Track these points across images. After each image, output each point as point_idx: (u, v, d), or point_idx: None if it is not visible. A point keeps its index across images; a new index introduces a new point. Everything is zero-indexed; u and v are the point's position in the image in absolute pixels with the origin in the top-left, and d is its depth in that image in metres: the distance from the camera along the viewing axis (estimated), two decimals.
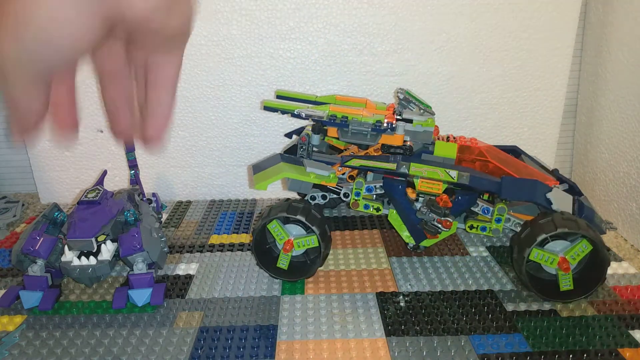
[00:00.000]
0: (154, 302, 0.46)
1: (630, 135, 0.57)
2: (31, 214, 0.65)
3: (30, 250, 0.46)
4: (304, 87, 0.64)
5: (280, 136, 0.63)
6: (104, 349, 0.40)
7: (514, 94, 0.66)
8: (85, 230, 0.47)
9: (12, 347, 0.41)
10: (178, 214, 0.64)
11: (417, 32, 0.62)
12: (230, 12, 0.61)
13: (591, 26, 0.64)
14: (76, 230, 0.47)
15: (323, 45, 0.63)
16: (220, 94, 0.65)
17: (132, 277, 0.46)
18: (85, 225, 0.48)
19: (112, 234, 0.48)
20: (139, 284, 0.46)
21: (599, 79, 0.63)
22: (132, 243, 0.47)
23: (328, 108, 0.53)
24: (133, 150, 0.58)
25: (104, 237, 0.48)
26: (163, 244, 0.50)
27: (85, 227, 0.47)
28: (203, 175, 0.68)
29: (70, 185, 0.69)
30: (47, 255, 0.47)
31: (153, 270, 0.48)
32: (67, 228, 0.48)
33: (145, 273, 0.47)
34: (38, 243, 0.47)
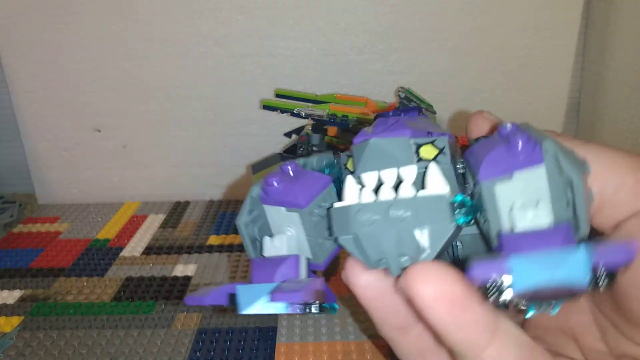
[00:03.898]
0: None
1: (633, 135, 0.57)
2: (28, 215, 0.65)
3: (272, 193, 0.21)
4: (304, 85, 0.64)
5: (279, 135, 0.63)
6: (102, 350, 0.40)
7: (515, 93, 0.65)
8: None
9: (8, 348, 0.40)
10: (176, 215, 0.63)
11: (418, 31, 0.62)
12: (229, 10, 0.60)
13: (594, 24, 0.64)
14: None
15: (323, 44, 0.62)
16: (218, 92, 0.64)
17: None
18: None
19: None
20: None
21: (601, 78, 0.63)
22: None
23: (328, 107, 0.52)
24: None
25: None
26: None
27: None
28: (201, 175, 0.68)
29: (68, 185, 0.68)
30: (309, 202, 0.21)
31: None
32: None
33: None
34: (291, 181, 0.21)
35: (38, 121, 0.65)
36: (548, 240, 0.16)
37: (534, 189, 0.17)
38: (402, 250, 0.18)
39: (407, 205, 0.18)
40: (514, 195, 0.18)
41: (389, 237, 0.18)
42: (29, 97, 0.64)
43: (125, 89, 0.64)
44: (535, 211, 0.17)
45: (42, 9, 0.60)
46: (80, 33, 0.61)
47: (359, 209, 0.18)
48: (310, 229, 0.21)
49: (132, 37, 0.61)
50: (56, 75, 0.63)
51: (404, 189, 0.18)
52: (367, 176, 0.19)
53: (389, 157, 0.19)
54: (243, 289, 0.19)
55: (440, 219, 0.18)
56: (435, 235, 0.18)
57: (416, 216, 0.18)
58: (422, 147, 0.19)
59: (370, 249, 0.18)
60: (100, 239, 0.58)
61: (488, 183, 0.18)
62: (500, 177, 0.17)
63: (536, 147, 0.17)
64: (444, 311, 0.17)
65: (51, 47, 0.61)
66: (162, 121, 0.65)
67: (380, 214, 0.18)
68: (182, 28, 0.61)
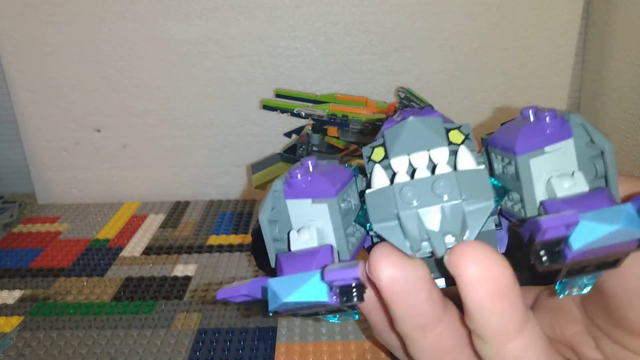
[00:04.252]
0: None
1: (634, 134, 0.57)
2: (28, 215, 0.65)
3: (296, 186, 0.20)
4: (304, 85, 0.64)
5: (279, 135, 0.63)
6: (101, 350, 0.40)
7: (515, 93, 0.65)
8: None
9: (8, 348, 0.40)
10: (176, 215, 0.63)
11: (418, 31, 0.62)
12: (229, 10, 0.60)
13: (594, 24, 0.63)
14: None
15: (323, 44, 0.62)
16: (218, 92, 0.64)
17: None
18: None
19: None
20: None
21: (601, 78, 0.63)
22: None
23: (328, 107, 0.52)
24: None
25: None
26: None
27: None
28: (201, 175, 0.68)
29: (68, 185, 0.68)
30: (339, 191, 0.20)
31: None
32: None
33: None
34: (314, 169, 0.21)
35: (38, 121, 0.65)
36: (593, 202, 0.17)
37: (565, 162, 0.18)
38: (447, 228, 0.18)
39: (451, 179, 0.18)
40: (547, 168, 0.18)
41: (435, 213, 0.18)
42: (28, 97, 0.64)
43: (125, 89, 0.64)
44: (572, 181, 0.18)
45: (41, 9, 0.60)
46: (80, 33, 0.61)
47: (403, 185, 0.18)
48: (338, 221, 0.20)
49: (132, 37, 0.61)
50: (56, 75, 0.63)
51: (441, 168, 0.18)
52: (397, 162, 0.19)
53: (425, 137, 0.19)
54: (276, 280, 0.18)
55: (483, 193, 0.18)
56: (478, 212, 0.18)
57: (460, 190, 0.18)
58: (450, 132, 0.20)
59: (414, 230, 0.18)
60: (100, 239, 0.58)
61: (524, 158, 0.18)
62: (534, 152, 0.18)
63: (564, 122, 0.18)
64: (486, 293, 0.16)
65: (51, 47, 0.61)
66: (162, 121, 0.65)
67: (426, 189, 0.18)
68: (182, 28, 0.61)
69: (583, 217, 0.16)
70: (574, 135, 0.18)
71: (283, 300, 0.17)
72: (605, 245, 0.16)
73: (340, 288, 0.17)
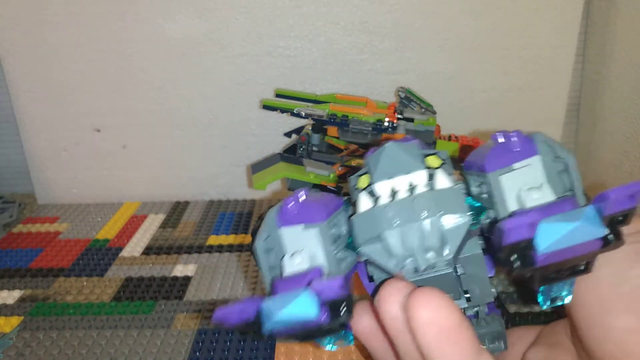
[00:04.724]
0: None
1: (634, 135, 0.56)
2: (28, 215, 0.65)
3: (288, 214, 0.22)
4: (304, 85, 0.64)
5: (279, 135, 0.63)
6: (101, 350, 0.40)
7: (516, 93, 0.65)
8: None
9: (8, 348, 0.40)
10: (176, 215, 0.63)
11: (419, 31, 0.62)
12: (229, 9, 0.60)
13: (594, 24, 0.63)
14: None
15: (323, 44, 0.62)
16: (218, 92, 0.64)
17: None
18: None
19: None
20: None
21: (602, 78, 0.63)
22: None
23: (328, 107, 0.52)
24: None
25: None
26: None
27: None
28: (201, 175, 0.68)
29: (67, 185, 0.68)
30: (329, 216, 0.22)
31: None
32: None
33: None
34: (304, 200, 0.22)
35: (38, 121, 0.65)
36: (559, 208, 0.18)
37: (533, 177, 0.20)
38: (428, 244, 0.19)
39: (428, 198, 0.19)
40: (517, 184, 0.20)
41: (415, 230, 0.19)
42: (28, 97, 0.64)
43: (124, 89, 0.64)
44: (540, 192, 0.19)
45: (41, 9, 0.60)
46: (80, 33, 0.61)
47: (384, 207, 0.20)
48: (329, 246, 0.21)
49: (132, 37, 0.61)
50: (56, 75, 0.63)
51: (420, 189, 0.20)
52: (380, 186, 0.21)
53: (403, 161, 0.21)
54: (269, 300, 0.18)
55: (459, 209, 0.19)
56: (456, 228, 0.19)
57: (437, 207, 0.19)
58: (428, 157, 0.22)
59: (398, 247, 0.20)
60: (100, 239, 0.58)
61: (494, 174, 0.20)
62: (503, 169, 0.20)
63: (529, 141, 0.20)
64: (433, 336, 0.18)
65: (51, 46, 0.61)
66: (161, 121, 0.65)
67: (406, 209, 0.20)
68: (182, 28, 0.61)
69: (546, 220, 0.17)
70: (541, 152, 0.20)
71: (275, 318, 0.18)
72: (570, 245, 0.17)
73: (329, 303, 0.17)
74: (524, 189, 0.19)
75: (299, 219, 0.22)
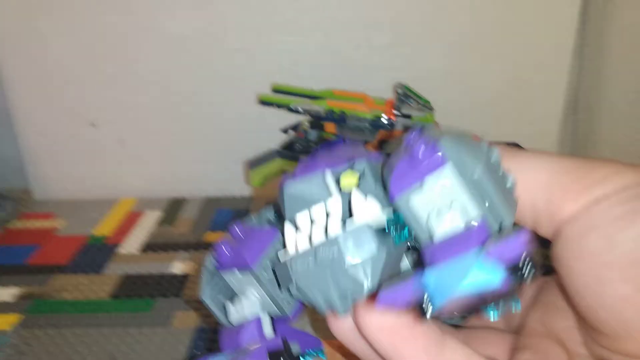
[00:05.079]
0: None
1: (632, 132, 0.57)
2: (24, 210, 0.64)
3: (222, 259, 0.22)
4: (301, 81, 0.63)
5: (276, 131, 0.62)
6: (99, 348, 0.40)
7: (514, 90, 0.65)
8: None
9: (6, 346, 0.40)
10: (173, 211, 0.63)
11: (416, 26, 0.61)
12: (226, 4, 0.60)
13: (591, 21, 0.63)
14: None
15: (320, 39, 0.62)
16: (214, 88, 0.64)
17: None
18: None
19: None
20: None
21: (600, 75, 0.63)
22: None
23: (325, 103, 0.52)
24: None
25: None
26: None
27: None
28: (198, 171, 0.68)
29: (64, 181, 0.68)
30: (255, 261, 0.21)
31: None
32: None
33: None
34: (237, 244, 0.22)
35: (33, 116, 0.65)
36: (461, 245, 0.16)
37: (449, 191, 0.17)
38: (343, 289, 0.18)
39: (332, 245, 0.18)
40: (431, 202, 0.17)
41: (325, 279, 0.18)
42: (23, 91, 0.63)
43: (120, 84, 0.63)
44: (451, 213, 0.17)
45: (36, 2, 0.59)
46: (75, 26, 0.60)
47: (291, 260, 0.19)
48: (267, 285, 0.21)
49: (127, 30, 0.61)
50: (50, 68, 0.62)
51: (332, 226, 0.18)
52: (300, 217, 0.19)
53: (308, 198, 0.19)
54: (433, 276, 0.17)
55: (367, 249, 0.17)
56: (371, 264, 0.18)
57: (343, 253, 0.18)
58: (341, 176, 0.19)
59: (313, 295, 0.18)
60: (97, 235, 0.57)
61: (402, 198, 0.17)
62: (411, 189, 0.17)
63: (435, 150, 0.17)
64: (386, 341, 0.17)
65: (45, 40, 0.61)
66: (158, 117, 0.65)
67: (312, 259, 0.18)
68: (179, 22, 0.60)
69: (434, 276, 0.15)
70: (451, 159, 0.17)
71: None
72: (469, 296, 0.15)
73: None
74: (434, 214, 0.17)
75: (232, 265, 0.22)
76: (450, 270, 0.15)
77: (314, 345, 0.21)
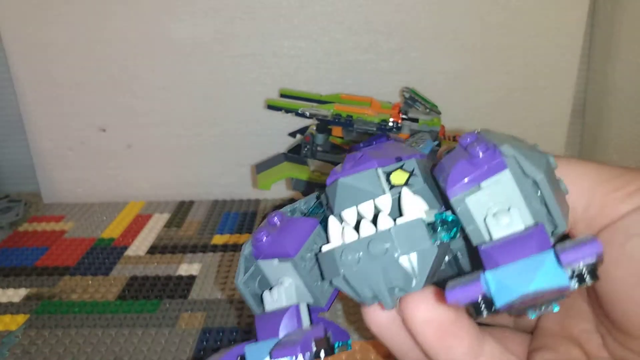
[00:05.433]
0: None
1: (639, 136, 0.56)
2: (34, 214, 0.65)
3: (261, 247, 0.22)
4: (308, 85, 0.64)
5: (284, 135, 0.63)
6: (106, 348, 0.40)
7: (520, 93, 0.65)
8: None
9: (14, 346, 0.40)
10: (180, 214, 0.63)
11: (423, 30, 0.62)
12: (233, 9, 0.60)
13: (599, 24, 0.63)
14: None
15: (327, 44, 0.62)
16: (223, 92, 0.64)
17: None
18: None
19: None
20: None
21: (607, 79, 0.62)
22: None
23: (332, 107, 0.52)
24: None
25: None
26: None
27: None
28: (205, 174, 0.68)
29: (73, 184, 0.68)
30: (297, 251, 0.21)
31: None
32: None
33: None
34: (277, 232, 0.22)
35: (43, 121, 0.65)
36: (522, 248, 0.16)
37: (505, 195, 0.17)
38: (392, 283, 0.18)
39: (386, 238, 0.18)
40: (487, 205, 0.18)
41: (375, 272, 0.18)
42: (34, 97, 0.64)
43: (130, 89, 0.64)
44: (509, 217, 0.17)
45: (47, 9, 0.60)
46: (85, 33, 0.61)
47: (342, 250, 0.19)
48: (306, 276, 0.21)
49: (137, 37, 0.61)
50: (61, 74, 0.63)
51: (382, 220, 0.19)
52: (347, 213, 0.20)
53: (360, 193, 0.19)
54: (251, 349, 0.19)
55: (420, 243, 0.18)
56: (420, 260, 0.18)
57: (396, 246, 0.18)
58: (392, 174, 0.20)
59: (361, 287, 0.19)
60: (105, 238, 0.58)
61: (458, 198, 0.18)
62: (469, 190, 0.17)
63: (496, 153, 0.17)
64: (432, 334, 0.18)
65: (57, 46, 0.62)
66: (166, 121, 0.65)
67: (363, 252, 0.18)
68: (187, 28, 0.61)
69: (499, 277, 0.15)
70: (509, 165, 0.17)
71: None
72: (531, 296, 0.15)
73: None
74: (491, 214, 0.17)
75: (271, 254, 0.22)
76: (516, 273, 0.15)
77: (342, 336, 0.21)
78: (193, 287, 0.48)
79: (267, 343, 0.19)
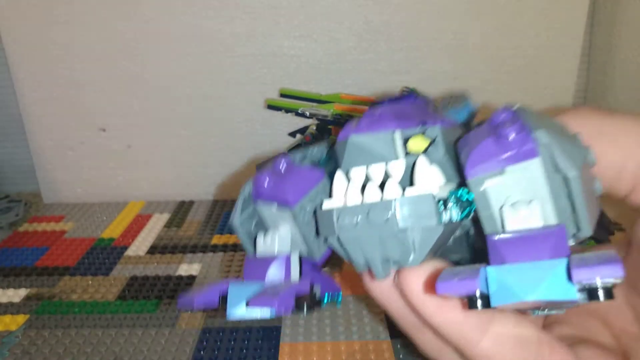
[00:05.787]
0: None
1: None
2: (34, 214, 0.65)
3: (262, 190, 0.21)
4: (309, 85, 0.64)
5: (284, 135, 0.63)
6: (106, 348, 0.40)
7: (521, 93, 0.65)
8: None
9: (14, 347, 0.40)
10: (180, 214, 0.63)
11: (423, 30, 0.62)
12: (234, 9, 0.60)
13: (599, 24, 0.63)
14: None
15: (328, 43, 0.62)
16: (223, 92, 0.64)
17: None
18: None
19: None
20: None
21: (607, 78, 0.62)
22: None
23: (333, 107, 0.52)
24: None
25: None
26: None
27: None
28: (206, 174, 0.68)
29: (73, 184, 0.68)
30: (297, 200, 0.20)
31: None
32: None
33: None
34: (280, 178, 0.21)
35: (43, 121, 0.65)
36: (535, 249, 0.15)
37: (530, 186, 0.15)
38: (387, 254, 0.17)
39: (389, 207, 0.16)
40: (507, 192, 0.16)
41: (371, 240, 0.17)
42: (34, 97, 0.64)
43: (130, 89, 0.64)
44: (528, 210, 0.15)
45: (47, 9, 0.60)
46: (85, 33, 0.61)
47: (339, 212, 0.17)
48: (304, 227, 0.20)
49: (137, 37, 0.61)
50: (61, 74, 0.63)
51: (389, 188, 0.17)
52: (355, 172, 0.18)
53: (371, 155, 0.18)
54: (234, 287, 0.18)
55: (425, 220, 0.16)
56: (423, 237, 0.16)
57: (399, 218, 0.16)
58: (410, 140, 0.18)
59: (354, 252, 0.18)
60: (105, 238, 0.58)
61: (476, 180, 0.16)
62: (490, 173, 0.16)
63: (529, 138, 0.15)
64: (434, 308, 0.17)
65: (56, 46, 0.62)
66: (166, 121, 0.65)
67: (362, 217, 0.17)
68: (187, 28, 0.61)
69: (502, 276, 0.14)
70: (541, 154, 0.15)
71: (230, 314, 0.16)
72: (530, 304, 0.14)
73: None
74: (509, 204, 0.16)
75: (271, 198, 0.20)
76: (521, 276, 0.14)
77: (333, 290, 0.20)
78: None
79: (251, 285, 0.18)
